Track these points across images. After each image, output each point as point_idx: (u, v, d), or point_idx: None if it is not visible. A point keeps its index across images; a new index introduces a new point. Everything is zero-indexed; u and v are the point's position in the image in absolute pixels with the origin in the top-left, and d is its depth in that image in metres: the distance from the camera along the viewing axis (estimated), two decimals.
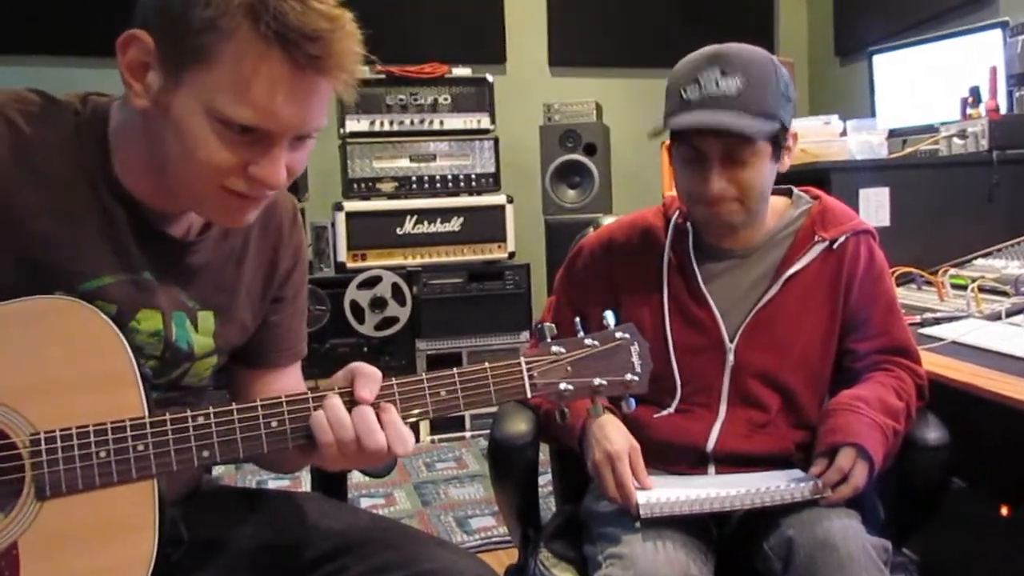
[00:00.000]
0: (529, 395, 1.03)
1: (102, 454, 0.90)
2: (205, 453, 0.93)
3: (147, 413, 0.93)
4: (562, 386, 1.03)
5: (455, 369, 1.01)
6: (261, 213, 1.09)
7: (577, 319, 1.09)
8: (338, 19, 0.88)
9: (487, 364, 1.02)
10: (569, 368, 1.04)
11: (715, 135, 1.29)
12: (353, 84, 0.92)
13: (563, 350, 1.04)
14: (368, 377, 0.97)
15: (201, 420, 0.93)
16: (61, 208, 0.95)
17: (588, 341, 1.05)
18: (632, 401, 1.08)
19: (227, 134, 0.89)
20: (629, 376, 1.06)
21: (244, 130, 0.89)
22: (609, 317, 1.09)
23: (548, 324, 1.07)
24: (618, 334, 1.07)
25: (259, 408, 0.95)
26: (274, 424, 0.95)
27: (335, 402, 0.95)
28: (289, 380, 1.21)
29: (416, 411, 1.00)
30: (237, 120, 0.88)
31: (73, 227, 0.96)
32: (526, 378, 1.02)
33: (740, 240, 1.42)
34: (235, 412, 0.94)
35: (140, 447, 0.91)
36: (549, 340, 1.04)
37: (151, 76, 0.89)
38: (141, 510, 0.92)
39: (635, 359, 1.06)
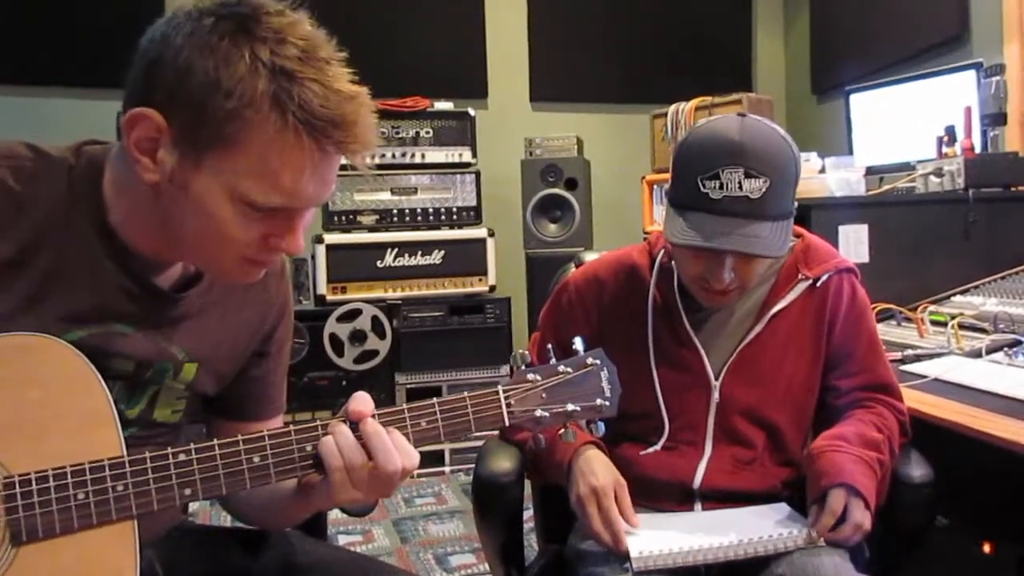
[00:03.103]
0: (507, 423, 1.03)
1: (80, 496, 0.87)
2: (187, 491, 0.91)
3: (125, 452, 0.90)
4: (538, 413, 1.04)
5: (435, 399, 1.01)
6: None
7: (549, 345, 1.10)
8: (358, 97, 0.89)
9: (466, 394, 1.02)
10: (544, 395, 1.05)
11: None
12: (372, 155, 0.94)
13: (538, 377, 1.05)
14: (361, 398, 0.97)
15: (182, 457, 0.91)
16: (51, 267, 0.94)
17: (561, 368, 1.07)
18: (601, 425, 1.08)
19: (251, 213, 0.90)
20: (599, 401, 1.07)
21: (269, 210, 0.91)
22: (579, 343, 1.09)
23: (522, 352, 1.07)
24: (589, 360, 1.08)
25: (241, 443, 0.93)
26: (256, 459, 0.94)
27: (344, 428, 0.94)
28: None
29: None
30: (265, 204, 0.89)
31: (61, 284, 0.94)
32: (504, 406, 1.02)
33: None
34: (216, 448, 0.93)
35: (120, 487, 0.89)
36: (523, 368, 1.06)
37: (163, 153, 0.89)
38: (121, 551, 0.89)
39: (604, 384, 1.08)
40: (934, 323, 1.95)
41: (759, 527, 1.28)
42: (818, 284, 1.41)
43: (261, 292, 1.12)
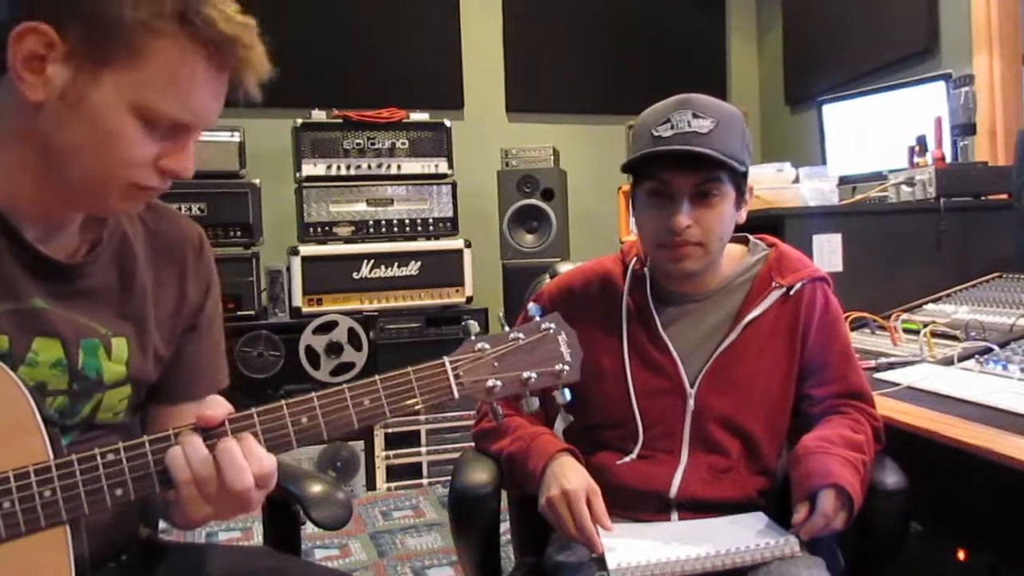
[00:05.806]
0: (456, 395, 0.98)
1: (6, 505, 0.85)
2: (118, 491, 0.88)
3: (51, 457, 0.87)
4: (490, 383, 0.99)
5: (376, 376, 0.97)
6: (152, 240, 1.09)
7: (500, 313, 1.07)
8: (251, 26, 0.94)
9: (410, 368, 0.98)
10: (496, 364, 1.00)
11: (685, 169, 1.31)
12: (263, 83, 0.98)
13: (487, 346, 1.00)
14: (213, 402, 0.94)
15: (111, 456, 0.88)
16: None
17: (513, 335, 1.01)
18: (567, 392, 1.03)
19: (148, 129, 0.91)
20: (559, 366, 1.02)
21: (167, 127, 0.92)
22: (533, 309, 1.05)
23: (471, 321, 1.05)
24: (544, 325, 1.03)
25: (173, 437, 0.90)
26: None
27: (194, 438, 0.89)
28: None
29: (340, 423, 0.95)
30: (169, 116, 0.91)
31: None
32: (451, 377, 0.98)
33: (697, 285, 1.43)
34: (147, 444, 0.89)
35: (47, 493, 0.86)
36: (473, 337, 1.01)
37: (53, 69, 0.88)
38: (53, 559, 0.87)
39: (564, 348, 1.02)
40: (907, 331, 1.96)
41: (739, 537, 1.28)
42: (791, 293, 1.41)
43: (179, 267, 1.11)
